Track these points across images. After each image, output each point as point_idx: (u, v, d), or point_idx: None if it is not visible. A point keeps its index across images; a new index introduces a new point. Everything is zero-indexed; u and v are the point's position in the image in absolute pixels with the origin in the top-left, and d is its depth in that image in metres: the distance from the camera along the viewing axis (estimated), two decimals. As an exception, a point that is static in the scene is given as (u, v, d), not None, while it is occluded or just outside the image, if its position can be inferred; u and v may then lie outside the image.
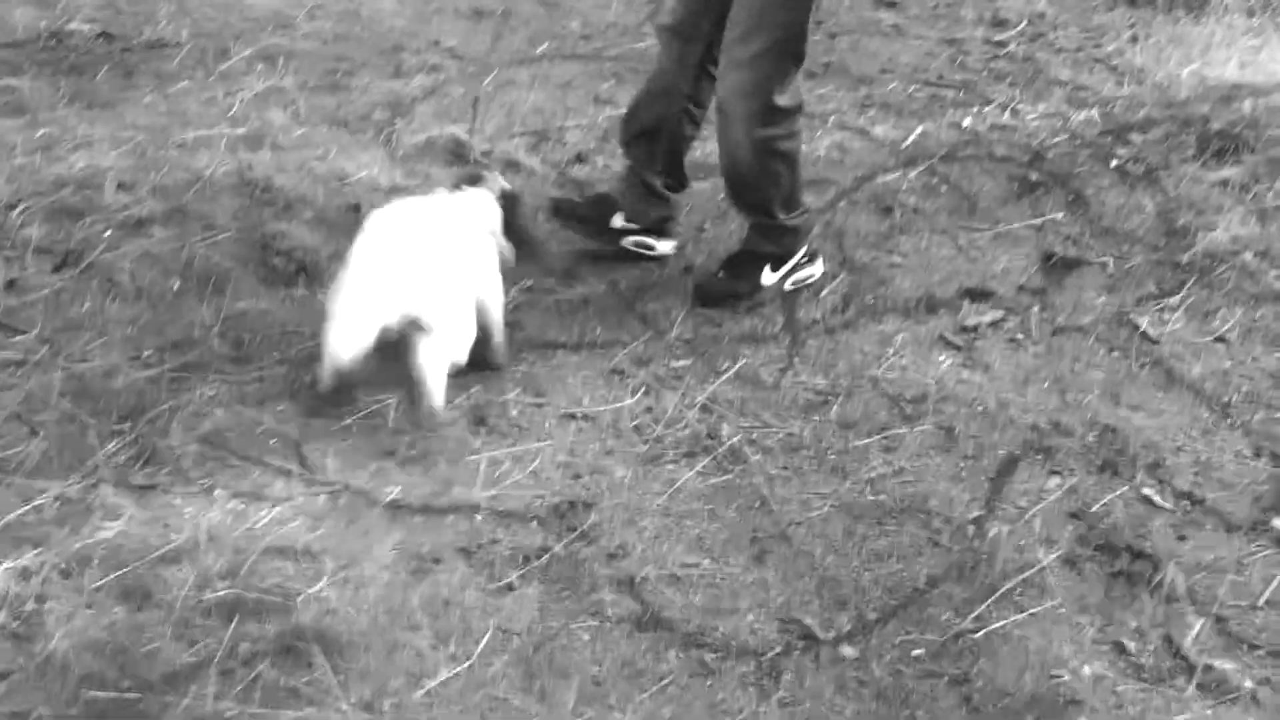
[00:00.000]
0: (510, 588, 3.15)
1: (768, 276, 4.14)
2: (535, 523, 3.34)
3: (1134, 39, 5.76)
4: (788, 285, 4.16)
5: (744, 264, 4.17)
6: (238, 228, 4.35)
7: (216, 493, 3.34)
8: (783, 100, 3.87)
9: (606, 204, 4.31)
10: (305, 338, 3.87)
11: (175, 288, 4.05)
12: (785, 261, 4.15)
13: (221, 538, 3.20)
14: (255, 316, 3.99)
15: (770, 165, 3.98)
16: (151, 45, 5.63)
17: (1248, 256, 4.22)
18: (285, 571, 3.13)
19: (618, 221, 4.26)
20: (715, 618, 3.08)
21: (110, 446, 3.43)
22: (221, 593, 3.04)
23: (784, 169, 4.02)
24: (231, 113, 5.06)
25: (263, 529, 3.25)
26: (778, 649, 3.00)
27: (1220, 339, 3.93)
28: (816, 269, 4.22)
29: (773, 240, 4.13)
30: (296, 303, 4.06)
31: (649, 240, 4.29)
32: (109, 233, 4.28)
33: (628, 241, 4.28)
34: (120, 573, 3.07)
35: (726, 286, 4.14)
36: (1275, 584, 3.14)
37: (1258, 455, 3.54)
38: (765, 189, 4.04)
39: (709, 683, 2.93)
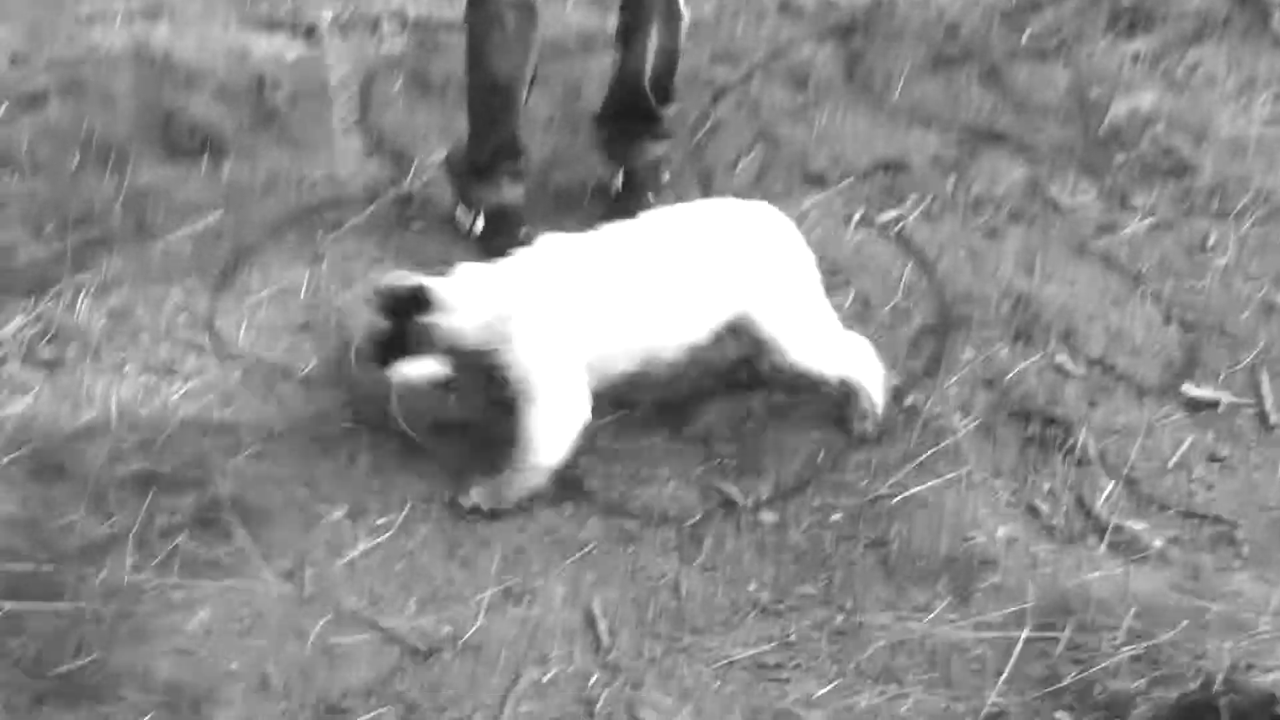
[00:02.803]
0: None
1: None
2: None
3: (1045, -88, 5.73)
4: None
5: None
6: (138, 101, 4.22)
7: (127, 368, 3.29)
8: None
9: None
10: (209, 211, 3.79)
11: (75, 162, 3.94)
12: None
13: (134, 413, 3.15)
14: (159, 190, 3.89)
15: None
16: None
17: (1159, 128, 4.24)
18: (201, 445, 3.09)
19: None
20: (636, 486, 3.09)
21: (15, 322, 3.36)
22: (136, 467, 3.00)
23: None
24: (127, -15, 4.88)
25: (176, 403, 3.20)
26: (698, 516, 3.02)
27: (1131, 208, 3.96)
28: None
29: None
30: (201, 176, 3.97)
31: None
32: (4, 107, 4.15)
33: None
34: (31, 448, 3.02)
35: None
36: (1184, 447, 3.20)
37: (1167, 322, 3.58)
38: None
39: (630, 549, 2.94)
